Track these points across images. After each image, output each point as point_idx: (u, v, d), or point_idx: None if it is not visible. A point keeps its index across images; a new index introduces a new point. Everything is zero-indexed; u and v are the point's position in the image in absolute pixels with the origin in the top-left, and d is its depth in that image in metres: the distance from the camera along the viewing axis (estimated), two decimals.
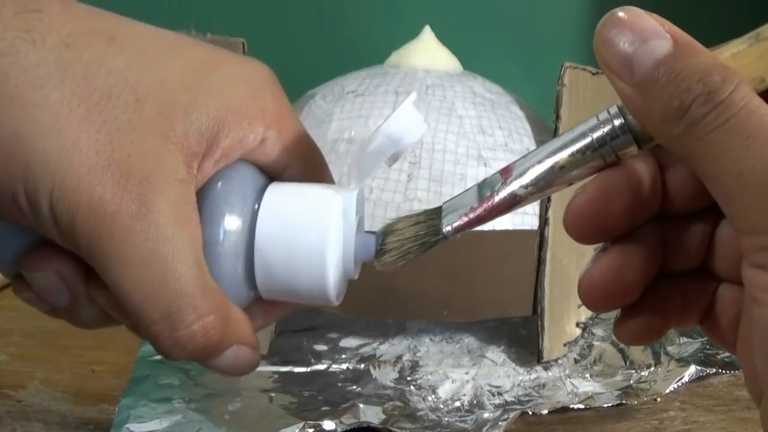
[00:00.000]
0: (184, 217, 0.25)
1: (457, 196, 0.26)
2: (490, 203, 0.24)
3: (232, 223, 0.26)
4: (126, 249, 0.24)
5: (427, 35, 0.54)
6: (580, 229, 0.24)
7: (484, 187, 0.25)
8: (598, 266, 0.24)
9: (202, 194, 0.26)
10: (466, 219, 0.25)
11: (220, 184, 0.27)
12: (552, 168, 0.23)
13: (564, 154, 0.23)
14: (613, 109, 0.23)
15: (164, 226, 0.24)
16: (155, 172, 0.24)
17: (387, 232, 0.27)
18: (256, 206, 0.27)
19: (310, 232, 0.26)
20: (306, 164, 0.29)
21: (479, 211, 0.25)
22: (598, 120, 0.23)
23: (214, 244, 0.26)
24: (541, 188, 0.24)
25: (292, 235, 0.26)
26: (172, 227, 0.24)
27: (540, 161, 0.24)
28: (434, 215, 0.26)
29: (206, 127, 0.26)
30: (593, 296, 0.24)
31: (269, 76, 0.29)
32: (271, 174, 0.29)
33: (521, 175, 0.24)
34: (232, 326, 0.27)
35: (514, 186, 0.24)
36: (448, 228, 0.25)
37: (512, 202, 0.24)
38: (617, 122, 0.23)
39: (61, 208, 0.24)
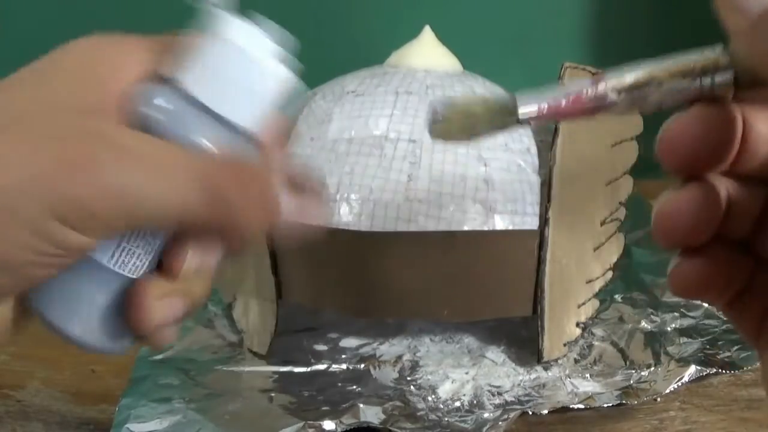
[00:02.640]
0: (136, 134, 0.26)
1: (534, 90, 0.24)
2: (577, 97, 0.23)
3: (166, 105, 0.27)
4: (131, 180, 0.24)
5: (427, 35, 0.54)
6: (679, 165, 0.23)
7: (569, 86, 0.24)
8: (677, 196, 0.23)
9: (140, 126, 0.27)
10: (546, 107, 0.24)
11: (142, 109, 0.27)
12: (649, 79, 0.23)
13: (664, 71, 0.22)
14: (719, 47, 0.22)
15: (133, 147, 0.25)
16: (92, 131, 0.25)
17: (447, 103, 0.25)
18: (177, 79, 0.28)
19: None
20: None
21: (563, 102, 0.23)
22: (702, 53, 0.22)
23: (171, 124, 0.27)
24: (633, 99, 0.23)
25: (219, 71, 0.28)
26: (136, 141, 0.26)
27: (638, 72, 0.23)
28: (506, 99, 0.24)
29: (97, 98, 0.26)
30: (666, 224, 0.23)
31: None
32: None
33: (615, 79, 0.23)
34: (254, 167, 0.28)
35: (606, 87, 0.23)
36: (524, 110, 0.24)
37: (599, 104, 0.23)
38: (722, 58, 0.22)
39: (59, 211, 0.23)
